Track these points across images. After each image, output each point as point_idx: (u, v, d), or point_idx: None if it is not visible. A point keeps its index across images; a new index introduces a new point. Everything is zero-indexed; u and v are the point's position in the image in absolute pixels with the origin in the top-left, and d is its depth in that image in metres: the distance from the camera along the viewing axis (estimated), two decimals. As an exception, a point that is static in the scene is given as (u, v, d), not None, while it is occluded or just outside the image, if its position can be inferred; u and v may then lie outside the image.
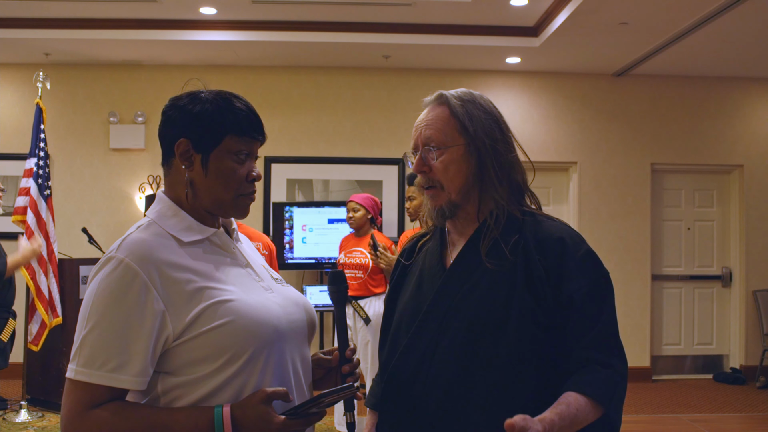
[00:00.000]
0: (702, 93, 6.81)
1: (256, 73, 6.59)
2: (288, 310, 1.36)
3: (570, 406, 1.27)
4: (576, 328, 1.36)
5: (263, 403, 1.22)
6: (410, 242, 1.66)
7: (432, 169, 1.48)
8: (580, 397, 1.29)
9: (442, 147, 1.47)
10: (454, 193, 1.47)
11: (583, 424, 1.29)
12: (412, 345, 1.44)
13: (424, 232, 1.65)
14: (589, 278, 1.39)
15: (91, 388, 1.19)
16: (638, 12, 4.98)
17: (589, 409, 1.29)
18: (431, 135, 1.48)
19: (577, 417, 1.27)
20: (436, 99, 1.52)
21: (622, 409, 1.37)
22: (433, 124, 1.49)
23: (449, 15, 5.56)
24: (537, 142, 6.64)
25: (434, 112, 1.50)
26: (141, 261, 1.22)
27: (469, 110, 1.47)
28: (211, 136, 1.32)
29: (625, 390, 1.38)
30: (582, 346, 1.35)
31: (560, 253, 1.40)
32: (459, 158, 1.46)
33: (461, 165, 1.47)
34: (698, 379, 6.83)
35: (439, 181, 1.47)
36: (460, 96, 1.50)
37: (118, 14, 5.61)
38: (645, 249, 6.72)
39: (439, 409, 1.37)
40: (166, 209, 1.35)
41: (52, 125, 6.20)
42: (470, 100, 1.49)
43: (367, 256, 4.42)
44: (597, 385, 1.31)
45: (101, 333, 1.20)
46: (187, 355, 1.23)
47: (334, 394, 1.23)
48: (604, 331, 1.36)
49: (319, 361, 1.47)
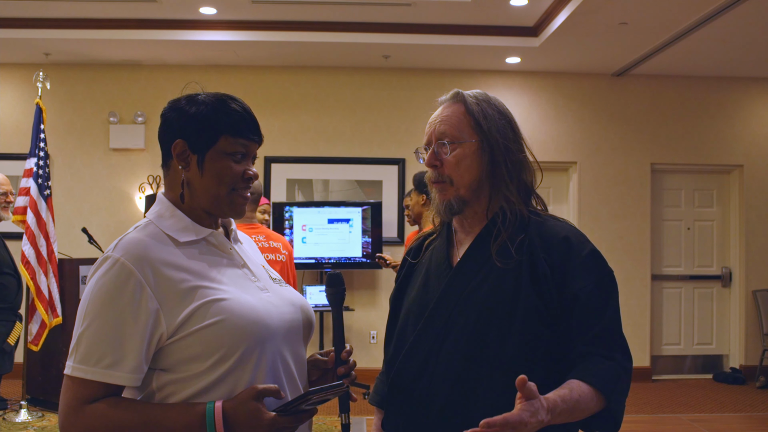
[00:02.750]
0: (702, 93, 6.81)
1: (256, 73, 6.59)
2: (282, 310, 1.37)
3: (573, 391, 1.29)
4: (580, 324, 1.38)
5: (254, 399, 1.23)
6: (417, 241, 1.67)
7: (443, 163, 1.49)
8: (583, 385, 1.31)
9: (455, 142, 1.49)
10: (463, 189, 1.49)
11: (584, 412, 1.31)
12: (418, 342, 1.46)
13: (431, 231, 1.66)
14: (593, 277, 1.40)
15: (86, 384, 1.22)
16: (638, 12, 4.98)
17: (591, 397, 1.30)
18: (445, 130, 1.50)
19: (579, 403, 1.28)
20: (452, 97, 1.55)
21: (624, 402, 1.38)
22: (447, 120, 1.51)
23: (449, 15, 5.56)
24: (537, 142, 6.62)
25: (450, 110, 1.53)
26: (136, 260, 1.25)
27: (484, 109, 1.51)
28: (206, 136, 1.34)
29: (628, 385, 1.39)
30: (585, 342, 1.37)
31: (565, 252, 1.42)
32: (471, 154, 1.49)
33: (473, 161, 1.49)
34: (698, 379, 6.83)
35: (449, 175, 1.49)
36: (476, 95, 1.53)
37: (118, 14, 5.61)
38: (645, 249, 6.73)
39: (444, 405, 1.39)
40: (164, 210, 1.37)
41: (52, 125, 6.20)
42: (485, 100, 1.53)
43: None
44: (600, 375, 1.33)
45: (96, 330, 1.22)
46: (181, 352, 1.26)
47: (323, 391, 1.23)
48: (607, 327, 1.39)
49: (316, 362, 1.48)
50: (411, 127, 6.53)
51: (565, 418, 1.26)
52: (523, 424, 1.15)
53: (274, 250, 3.34)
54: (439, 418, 1.39)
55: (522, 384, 1.17)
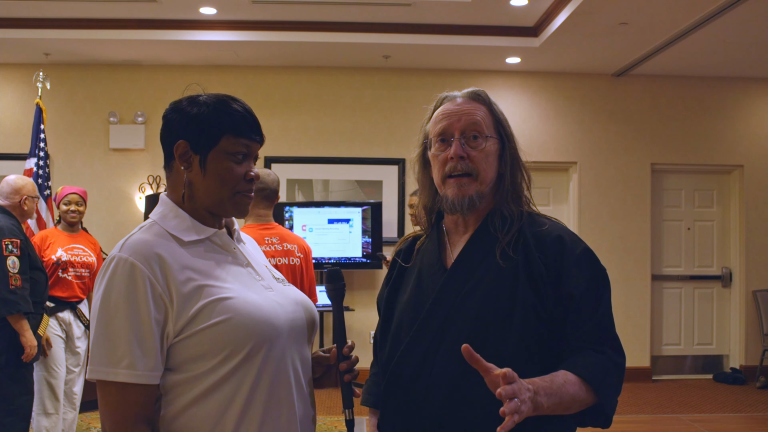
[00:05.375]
0: (702, 93, 6.81)
1: (256, 73, 6.59)
2: (287, 309, 1.38)
3: (557, 376, 1.30)
4: (573, 322, 1.39)
5: None
6: (406, 243, 1.66)
7: (470, 156, 1.47)
8: (569, 374, 1.32)
9: (490, 136, 1.49)
10: (485, 185, 1.49)
11: (574, 403, 1.31)
12: (415, 343, 1.45)
13: (419, 233, 1.65)
14: (587, 275, 1.42)
15: (123, 389, 1.22)
16: (638, 12, 4.98)
17: (578, 387, 1.31)
18: (478, 121, 1.49)
19: (566, 389, 1.28)
20: (471, 94, 1.54)
21: (614, 397, 1.38)
22: (476, 113, 1.50)
23: (449, 15, 5.56)
24: (537, 142, 6.64)
25: (471, 105, 1.51)
26: (144, 259, 1.26)
27: (500, 110, 1.54)
28: (208, 137, 1.34)
29: (619, 380, 1.39)
30: (577, 338, 1.38)
31: (559, 251, 1.43)
32: (495, 152, 1.50)
33: (495, 159, 1.50)
34: (698, 379, 6.84)
35: (476, 169, 1.47)
36: (490, 95, 1.55)
37: (118, 14, 5.61)
38: (645, 249, 6.73)
39: (443, 405, 1.38)
40: (168, 211, 1.38)
41: (52, 125, 6.20)
42: (494, 102, 1.55)
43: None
44: (588, 368, 1.34)
45: (113, 331, 1.23)
46: (186, 351, 1.26)
47: None
48: (599, 323, 1.40)
49: (318, 358, 1.49)
50: (411, 127, 6.52)
51: (554, 403, 1.26)
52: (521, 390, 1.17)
53: (288, 253, 3.16)
54: (437, 419, 1.39)
55: (468, 353, 1.19)
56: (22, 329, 3.46)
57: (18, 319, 3.46)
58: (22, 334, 3.46)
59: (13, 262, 3.46)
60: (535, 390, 1.22)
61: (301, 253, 3.20)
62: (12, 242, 3.49)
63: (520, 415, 1.16)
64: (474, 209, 1.49)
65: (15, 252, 3.49)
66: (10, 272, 3.43)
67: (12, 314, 3.43)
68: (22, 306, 3.46)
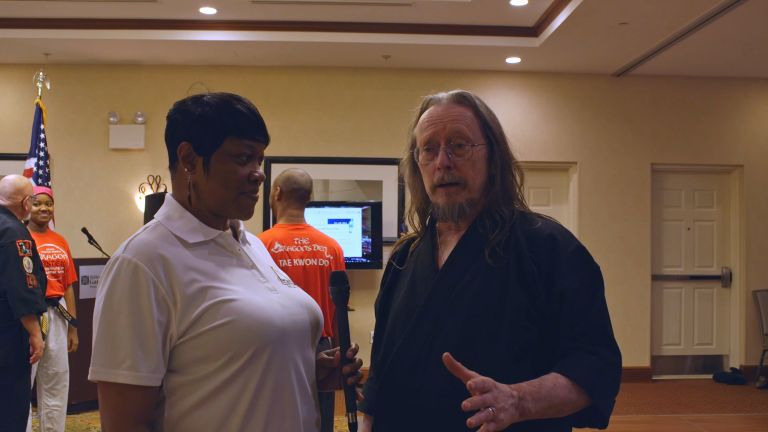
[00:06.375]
0: (702, 93, 6.81)
1: (256, 73, 6.59)
2: (291, 311, 1.37)
3: (546, 380, 1.28)
4: (566, 321, 1.37)
5: None
6: (401, 245, 1.65)
7: (456, 165, 1.46)
8: (560, 377, 1.30)
9: (476, 144, 1.47)
10: (474, 191, 1.47)
11: (565, 406, 1.30)
12: (407, 346, 1.44)
13: (413, 235, 1.63)
14: (580, 274, 1.40)
15: (120, 390, 1.22)
16: (638, 12, 4.98)
17: (569, 390, 1.30)
18: (462, 129, 1.46)
19: (555, 392, 1.27)
20: (456, 97, 1.51)
21: (610, 398, 1.37)
22: (460, 120, 1.47)
23: (449, 15, 5.56)
24: (537, 142, 6.64)
25: (456, 110, 1.48)
26: (148, 260, 1.25)
27: (488, 111, 1.50)
28: (211, 138, 1.33)
29: (615, 380, 1.38)
30: (570, 338, 1.36)
31: (551, 250, 1.41)
32: (483, 157, 1.48)
33: (483, 164, 1.48)
34: (698, 379, 6.84)
35: (463, 177, 1.46)
36: (477, 96, 1.51)
37: (118, 14, 5.61)
38: (645, 249, 6.73)
39: (436, 408, 1.37)
40: (172, 211, 1.37)
41: (52, 125, 6.20)
42: (484, 103, 1.52)
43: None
44: (579, 369, 1.32)
45: (115, 332, 1.22)
46: (190, 353, 1.25)
47: None
48: (592, 323, 1.37)
49: (322, 361, 1.47)
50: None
51: (543, 407, 1.25)
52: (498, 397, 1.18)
53: (317, 254, 3.11)
54: (430, 422, 1.37)
55: (449, 362, 1.19)
56: (35, 329, 3.47)
57: (32, 319, 3.46)
58: (33, 335, 3.46)
59: (28, 263, 3.49)
60: (520, 396, 1.21)
61: (331, 254, 3.17)
62: (25, 243, 3.51)
63: (499, 423, 1.16)
64: (465, 216, 1.48)
65: (28, 253, 3.52)
66: (27, 272, 3.46)
67: (31, 313, 3.44)
68: (41, 305, 3.49)
